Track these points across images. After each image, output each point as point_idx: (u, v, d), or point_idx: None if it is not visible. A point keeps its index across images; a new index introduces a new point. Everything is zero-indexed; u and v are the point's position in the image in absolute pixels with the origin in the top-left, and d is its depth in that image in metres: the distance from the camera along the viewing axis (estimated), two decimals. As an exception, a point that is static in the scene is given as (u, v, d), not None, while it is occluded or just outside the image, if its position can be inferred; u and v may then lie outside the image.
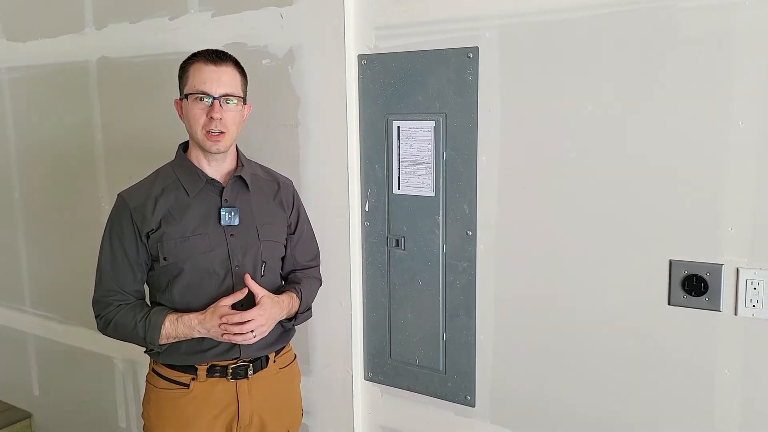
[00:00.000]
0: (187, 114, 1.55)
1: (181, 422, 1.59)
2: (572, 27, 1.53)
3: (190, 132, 1.57)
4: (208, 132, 1.52)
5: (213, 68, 1.53)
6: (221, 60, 1.55)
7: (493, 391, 1.76)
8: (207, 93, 1.51)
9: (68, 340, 2.80)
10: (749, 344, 1.42)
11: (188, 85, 1.54)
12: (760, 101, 1.34)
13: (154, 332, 1.52)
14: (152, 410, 1.64)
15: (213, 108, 1.51)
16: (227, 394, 1.60)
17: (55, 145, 2.68)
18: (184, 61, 1.59)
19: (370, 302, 1.94)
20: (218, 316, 1.49)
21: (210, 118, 1.51)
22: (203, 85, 1.51)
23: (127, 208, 1.56)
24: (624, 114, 1.49)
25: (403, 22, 1.76)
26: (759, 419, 1.42)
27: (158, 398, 1.62)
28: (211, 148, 1.55)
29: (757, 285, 1.39)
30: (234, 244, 1.58)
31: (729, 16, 1.35)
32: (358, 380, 1.99)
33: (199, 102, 1.52)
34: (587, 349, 1.61)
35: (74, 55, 2.51)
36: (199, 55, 1.56)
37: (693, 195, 1.43)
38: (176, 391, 1.59)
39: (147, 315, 1.54)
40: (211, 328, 1.49)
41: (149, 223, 1.55)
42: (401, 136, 1.80)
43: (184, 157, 1.61)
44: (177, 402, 1.59)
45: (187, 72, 1.55)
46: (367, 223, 1.91)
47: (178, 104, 1.60)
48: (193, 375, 1.59)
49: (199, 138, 1.54)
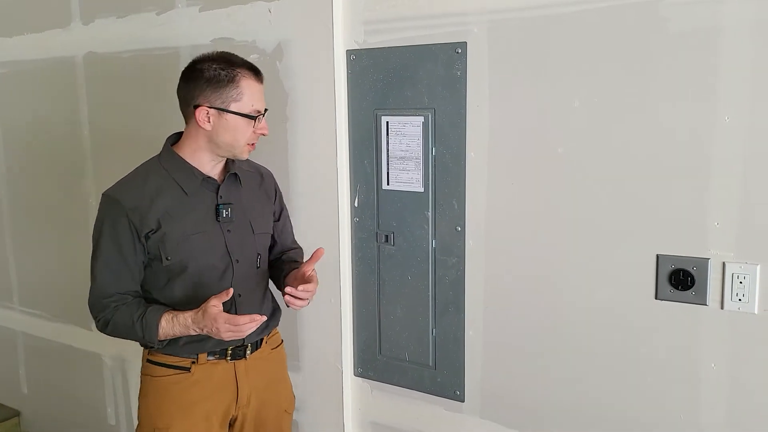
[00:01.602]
0: (233, 128, 1.52)
1: (185, 406, 1.59)
2: (560, 22, 1.53)
3: (225, 142, 1.53)
4: (251, 144, 1.57)
5: (260, 86, 1.56)
6: (261, 75, 1.57)
7: (483, 386, 1.77)
8: (260, 112, 1.55)
9: (57, 337, 2.78)
10: (735, 338, 1.43)
11: (242, 103, 1.51)
12: (745, 96, 1.35)
13: (151, 331, 1.51)
14: (151, 402, 1.62)
15: (262, 124, 1.56)
16: (227, 375, 1.62)
17: (42, 141, 2.66)
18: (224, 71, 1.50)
19: (359, 298, 1.94)
20: (211, 317, 1.46)
21: (255, 134, 1.55)
22: (259, 104, 1.54)
23: (122, 209, 1.52)
24: (611, 109, 1.49)
25: (391, 17, 1.75)
26: (744, 412, 1.44)
27: (157, 387, 1.60)
28: (244, 157, 1.59)
29: (743, 279, 1.40)
30: (231, 239, 1.60)
31: (715, 11, 1.36)
32: (347, 376, 1.99)
33: (250, 120, 1.53)
34: (576, 343, 1.62)
35: (61, 50, 2.49)
36: (244, 68, 1.53)
37: (680, 190, 1.44)
38: (177, 376, 1.59)
39: (143, 314, 1.52)
40: (205, 327, 1.48)
41: (148, 224, 1.52)
42: (390, 131, 1.80)
43: (174, 154, 1.57)
44: (178, 387, 1.59)
45: (239, 87, 1.50)
46: (357, 218, 1.90)
47: (206, 111, 1.50)
48: (194, 359, 1.59)
49: (240, 150, 1.55)
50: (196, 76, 1.51)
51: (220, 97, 1.49)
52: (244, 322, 1.45)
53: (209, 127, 1.51)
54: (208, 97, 1.50)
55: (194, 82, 1.51)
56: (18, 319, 2.92)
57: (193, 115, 1.52)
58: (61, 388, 2.84)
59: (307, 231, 1.94)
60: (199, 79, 1.50)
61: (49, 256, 2.74)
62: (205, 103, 1.50)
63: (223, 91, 1.49)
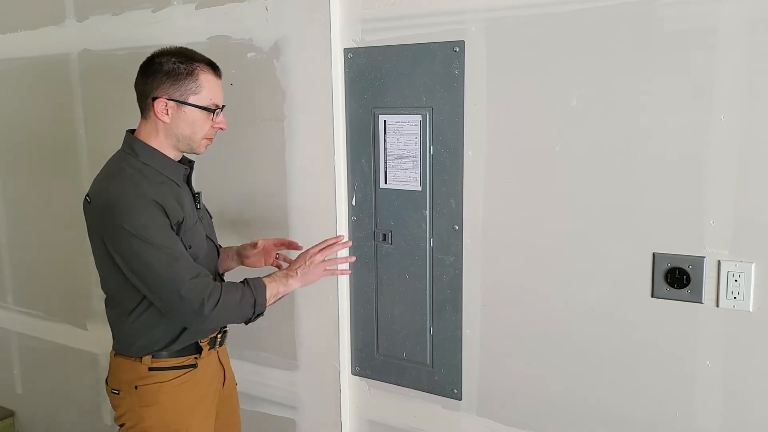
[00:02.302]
0: (191, 121, 1.53)
1: (197, 401, 1.62)
2: (558, 21, 1.53)
3: (183, 135, 1.54)
4: (209, 139, 1.59)
5: (218, 81, 1.57)
6: (220, 71, 1.59)
7: (480, 384, 1.77)
8: (218, 106, 1.57)
9: (52, 337, 2.77)
10: (730, 336, 1.44)
11: (200, 96, 1.53)
12: (741, 96, 1.36)
13: (262, 292, 1.53)
14: (165, 407, 1.57)
15: (221, 119, 1.58)
16: (214, 362, 1.70)
17: (36, 139, 2.65)
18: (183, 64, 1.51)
19: (357, 297, 1.94)
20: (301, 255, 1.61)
21: (213, 128, 1.57)
22: (217, 98, 1.56)
23: (152, 202, 1.47)
24: (608, 108, 1.50)
25: (389, 16, 1.76)
26: (740, 410, 1.45)
27: (169, 391, 1.58)
28: (200, 151, 1.60)
29: (738, 277, 1.41)
30: (206, 226, 1.69)
31: (711, 11, 1.36)
32: (345, 375, 1.99)
33: (208, 113, 1.55)
34: (572, 341, 1.63)
35: (55, 47, 2.47)
36: (202, 62, 1.54)
37: (676, 188, 1.45)
38: (186, 375, 1.60)
39: (245, 283, 1.54)
40: (298, 267, 1.59)
41: (174, 214, 1.51)
42: (387, 129, 1.80)
43: (152, 148, 1.55)
44: (188, 385, 1.60)
45: (197, 80, 1.52)
46: (354, 217, 1.91)
47: (165, 103, 1.51)
48: (197, 354, 1.62)
49: (196, 143, 1.57)
50: (155, 69, 1.52)
51: (179, 90, 1.51)
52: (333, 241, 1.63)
53: (168, 119, 1.52)
54: (167, 89, 1.51)
55: (153, 75, 1.52)
56: (13, 319, 2.91)
57: (151, 108, 1.53)
58: (56, 387, 2.83)
59: (305, 230, 1.94)
60: (158, 72, 1.52)
61: (44, 255, 2.73)
62: (164, 96, 1.51)
63: (182, 84, 1.51)
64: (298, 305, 2.02)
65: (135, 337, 1.57)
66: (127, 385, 1.58)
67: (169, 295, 1.46)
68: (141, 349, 1.57)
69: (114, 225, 1.45)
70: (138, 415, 1.58)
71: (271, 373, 2.12)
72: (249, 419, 2.17)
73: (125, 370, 1.59)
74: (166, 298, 1.47)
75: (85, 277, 2.58)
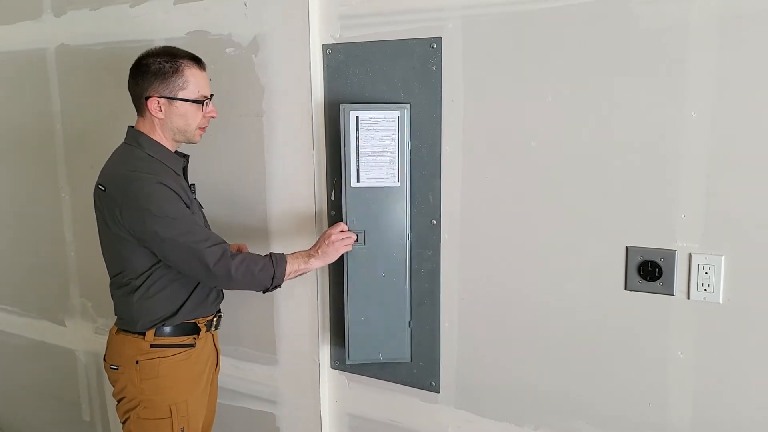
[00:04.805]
0: (183, 114, 1.65)
1: (194, 377, 1.74)
2: (533, 18, 1.55)
3: (178, 128, 1.66)
4: (202, 129, 1.71)
5: (203, 74, 1.69)
6: (203, 64, 1.70)
7: (458, 376, 1.79)
8: (206, 97, 1.68)
9: (30, 333, 2.75)
10: (701, 327, 1.47)
11: (188, 90, 1.64)
12: (712, 93, 1.39)
13: (282, 266, 1.64)
14: (164, 380, 1.68)
15: (211, 108, 1.70)
16: (210, 344, 1.80)
17: (12, 135, 2.61)
18: (168, 63, 1.62)
19: (336, 291, 1.95)
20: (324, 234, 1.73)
21: (205, 117, 1.69)
22: (205, 89, 1.68)
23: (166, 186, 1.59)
24: (582, 104, 1.52)
25: (367, 12, 1.76)
26: (710, 399, 1.48)
27: (169, 365, 1.69)
28: (196, 140, 1.71)
29: (709, 270, 1.44)
30: (202, 214, 1.79)
31: (684, 9, 1.39)
32: (324, 369, 2.00)
33: (198, 105, 1.66)
34: (548, 333, 1.65)
35: (32, 42, 2.44)
36: (186, 58, 1.66)
37: (648, 183, 1.48)
38: (186, 353, 1.71)
39: (269, 256, 1.66)
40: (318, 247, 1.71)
41: (184, 199, 1.64)
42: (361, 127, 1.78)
43: (155, 141, 1.67)
44: (187, 362, 1.72)
45: (183, 76, 1.63)
46: (333, 212, 1.91)
47: (157, 101, 1.63)
48: (195, 334, 1.73)
49: (191, 134, 1.69)
50: (143, 71, 1.64)
51: (167, 87, 1.63)
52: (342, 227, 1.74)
53: (162, 115, 1.65)
54: (156, 88, 1.63)
55: (142, 76, 1.64)
56: (-11, 316, 2.88)
57: (145, 107, 1.65)
58: (35, 384, 2.80)
59: (284, 225, 1.95)
60: (146, 74, 1.63)
61: (20, 252, 2.70)
62: (155, 94, 1.63)
63: (170, 81, 1.63)
64: (277, 300, 2.02)
65: (140, 313, 1.67)
66: (128, 360, 1.68)
67: (197, 263, 1.58)
68: (144, 324, 1.67)
69: (136, 208, 1.56)
70: (138, 389, 1.68)
71: (251, 368, 2.12)
72: (229, 414, 2.18)
73: (127, 346, 1.69)
74: (195, 265, 1.59)
75: (62, 272, 2.56)
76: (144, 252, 1.63)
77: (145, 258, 1.64)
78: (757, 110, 1.35)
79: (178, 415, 1.70)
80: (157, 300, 1.67)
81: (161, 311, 1.68)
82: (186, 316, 1.71)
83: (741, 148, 1.38)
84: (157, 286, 1.66)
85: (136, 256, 1.64)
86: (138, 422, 1.69)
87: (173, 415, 1.69)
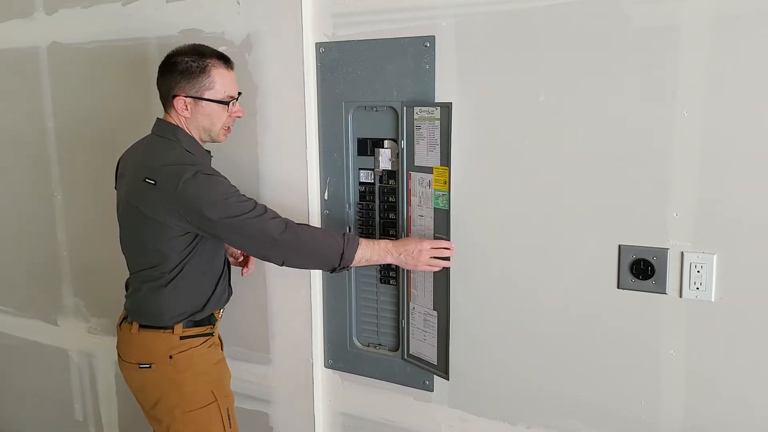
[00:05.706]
0: (208, 114, 1.67)
1: (221, 359, 1.82)
2: (526, 17, 1.55)
3: (203, 127, 1.69)
4: (227, 128, 1.73)
5: (231, 73, 1.70)
6: (231, 63, 1.72)
7: (451, 375, 1.79)
8: (233, 97, 1.70)
9: (22, 333, 2.73)
10: (693, 325, 1.48)
11: (215, 91, 1.66)
12: (703, 91, 1.39)
13: (353, 248, 1.62)
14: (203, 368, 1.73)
15: (237, 108, 1.71)
16: (217, 334, 1.85)
17: (4, 134, 2.60)
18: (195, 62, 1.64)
19: (329, 290, 1.95)
20: (416, 240, 1.68)
21: (230, 117, 1.71)
22: (231, 89, 1.69)
23: (216, 174, 1.65)
24: (575, 103, 1.53)
25: (360, 10, 1.76)
26: (702, 397, 1.49)
27: (201, 353, 1.73)
28: (221, 140, 1.73)
29: (701, 268, 1.45)
30: None
31: (675, 8, 1.39)
32: (318, 368, 2.00)
33: (224, 105, 1.68)
34: (541, 332, 1.65)
35: (24, 40, 2.43)
36: (213, 57, 1.67)
37: (641, 182, 1.48)
38: (209, 340, 1.77)
39: (340, 232, 1.66)
40: (404, 252, 1.65)
41: None
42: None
43: (194, 139, 1.70)
44: (214, 348, 1.79)
45: (210, 76, 1.65)
46: (327, 211, 1.91)
47: (183, 101, 1.65)
48: (211, 324, 1.78)
49: (217, 133, 1.71)
50: (171, 69, 1.66)
51: (194, 87, 1.65)
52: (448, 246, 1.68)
53: (188, 114, 1.67)
54: (183, 87, 1.65)
55: (169, 75, 1.66)
56: (-19, 316, 2.86)
57: (172, 105, 1.67)
58: (28, 384, 2.79)
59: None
60: (173, 72, 1.65)
61: (13, 251, 2.69)
62: (182, 93, 1.65)
63: (197, 81, 1.64)
64: (271, 299, 2.02)
65: (170, 306, 1.69)
66: (161, 356, 1.70)
67: (263, 237, 1.59)
68: (173, 318, 1.70)
69: (197, 198, 1.57)
70: (177, 384, 1.70)
71: (245, 367, 2.11)
72: (222, 414, 2.17)
73: (157, 342, 1.71)
74: (262, 240, 1.60)
75: (55, 272, 2.55)
76: (180, 244, 1.65)
77: (181, 251, 1.66)
78: (749, 109, 1.36)
79: (221, 396, 1.74)
80: (188, 292, 1.70)
81: (191, 303, 1.72)
82: (212, 307, 1.76)
83: (733, 147, 1.38)
84: (188, 279, 1.69)
85: (173, 249, 1.65)
86: (185, 417, 1.70)
87: (217, 397, 1.73)
